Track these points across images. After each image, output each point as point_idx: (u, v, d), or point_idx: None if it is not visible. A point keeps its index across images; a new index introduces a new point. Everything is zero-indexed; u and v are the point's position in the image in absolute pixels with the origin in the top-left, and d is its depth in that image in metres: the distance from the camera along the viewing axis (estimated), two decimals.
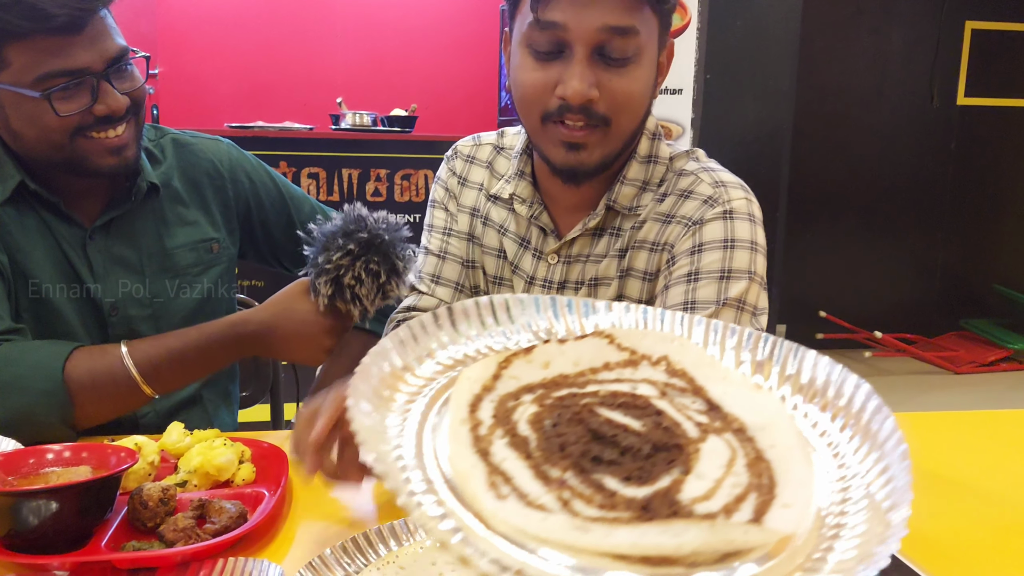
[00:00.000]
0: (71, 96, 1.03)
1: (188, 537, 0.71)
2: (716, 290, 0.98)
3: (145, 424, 1.16)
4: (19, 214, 1.09)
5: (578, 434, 0.48)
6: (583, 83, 0.92)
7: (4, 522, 0.68)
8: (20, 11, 0.98)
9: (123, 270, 1.16)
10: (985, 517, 0.85)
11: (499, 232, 1.13)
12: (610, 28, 0.91)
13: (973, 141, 4.87)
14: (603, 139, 0.96)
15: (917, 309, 4.93)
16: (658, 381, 0.54)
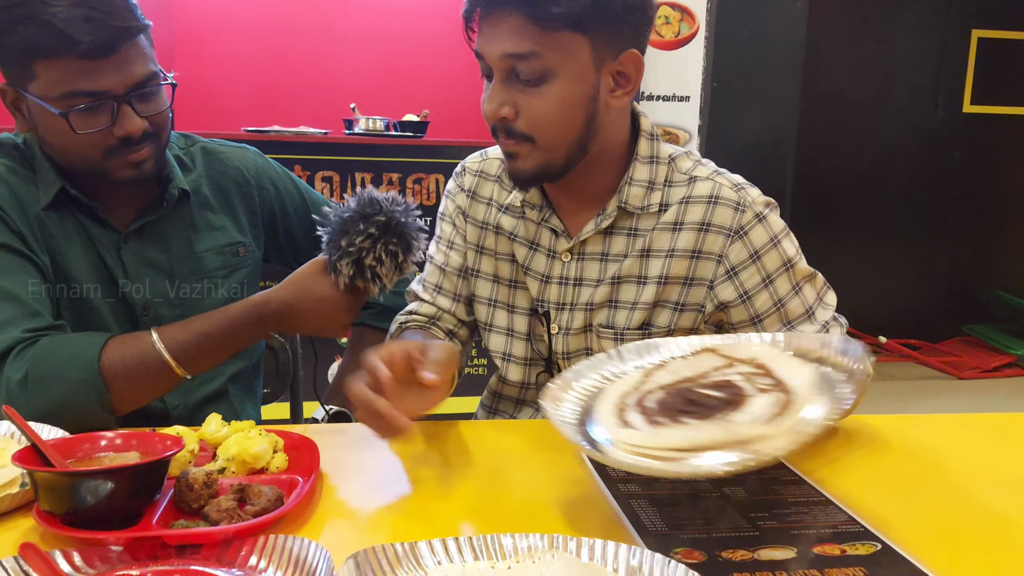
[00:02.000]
0: (90, 116, 1.09)
1: (231, 517, 0.77)
2: (789, 281, 1.14)
3: (176, 416, 1.23)
4: (60, 218, 1.16)
5: (678, 401, 0.83)
6: (491, 104, 1.05)
7: (63, 500, 0.74)
8: (49, 33, 1.03)
9: (154, 272, 1.22)
10: (987, 514, 0.90)
11: (509, 239, 1.21)
12: (509, 55, 1.02)
13: (978, 149, 4.91)
14: (531, 151, 1.07)
15: (921, 315, 4.97)
16: (745, 372, 0.87)
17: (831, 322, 1.14)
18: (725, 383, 0.85)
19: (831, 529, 0.83)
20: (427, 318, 1.27)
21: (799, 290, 1.14)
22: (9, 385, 1.02)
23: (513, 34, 1.01)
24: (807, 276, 1.15)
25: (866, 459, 1.05)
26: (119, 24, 1.06)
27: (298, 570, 0.68)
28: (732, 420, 0.79)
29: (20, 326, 1.05)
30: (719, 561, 0.76)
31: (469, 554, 0.71)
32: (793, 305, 1.13)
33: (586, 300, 1.16)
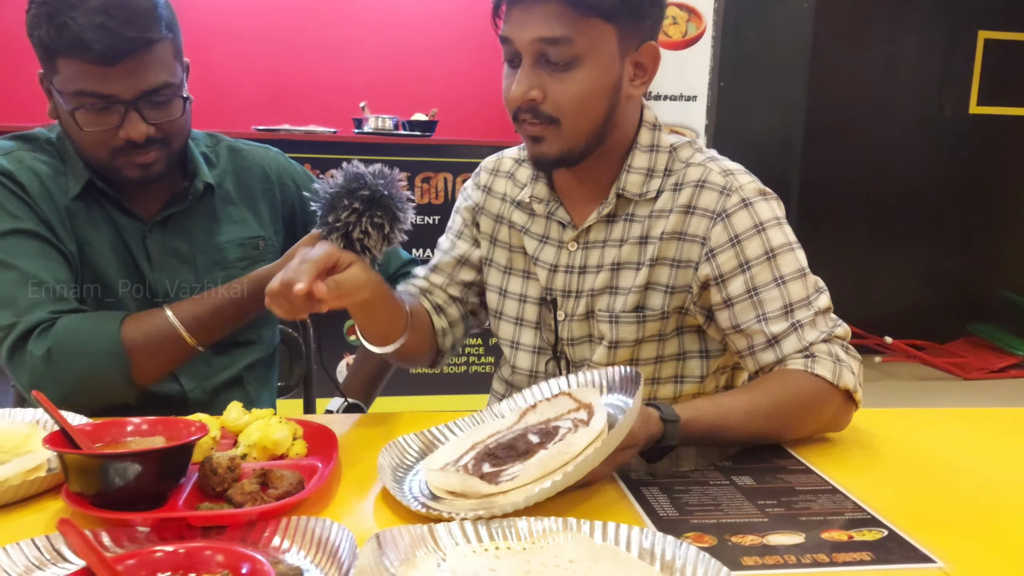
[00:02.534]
0: (99, 116, 1.13)
1: (254, 500, 0.79)
2: (771, 272, 1.11)
3: (193, 399, 1.27)
4: (88, 208, 1.22)
5: (504, 448, 0.89)
6: (520, 87, 1.07)
7: (93, 482, 0.76)
8: (65, 35, 1.08)
9: (177, 262, 1.27)
10: (991, 504, 0.91)
11: (520, 232, 1.25)
12: (541, 40, 1.05)
13: (983, 149, 4.92)
14: (557, 134, 1.10)
15: (927, 315, 4.98)
16: (576, 418, 0.91)
17: (806, 322, 1.09)
18: (549, 428, 0.91)
19: (838, 516, 0.85)
20: (420, 290, 1.31)
21: (782, 283, 1.11)
22: (33, 361, 1.08)
23: (548, 19, 1.04)
24: (796, 272, 1.11)
25: (872, 451, 1.07)
26: (133, 34, 1.10)
27: (320, 550, 0.71)
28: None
29: (45, 308, 1.10)
30: (729, 545, 0.77)
31: (486, 535, 0.73)
32: (769, 296, 1.10)
33: (589, 287, 1.19)
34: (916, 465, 1.03)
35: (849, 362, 1.09)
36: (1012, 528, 0.85)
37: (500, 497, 0.79)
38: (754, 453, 1.02)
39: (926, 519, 0.85)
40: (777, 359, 1.10)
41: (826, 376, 1.06)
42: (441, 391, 3.23)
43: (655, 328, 1.17)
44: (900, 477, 0.98)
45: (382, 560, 0.66)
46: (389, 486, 0.85)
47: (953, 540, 0.80)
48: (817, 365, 1.06)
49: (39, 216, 1.17)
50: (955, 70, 4.82)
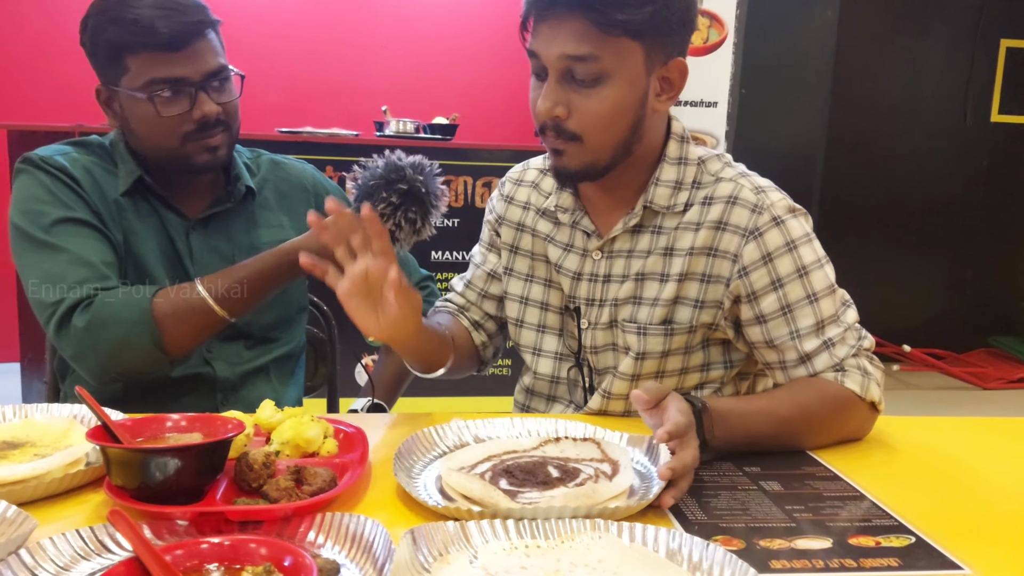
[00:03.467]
0: (172, 101, 1.24)
1: (289, 496, 0.80)
2: (803, 289, 1.12)
3: (222, 379, 1.34)
4: (135, 203, 1.31)
5: (523, 471, 0.92)
6: (546, 103, 1.08)
7: (135, 476, 0.78)
8: (135, 28, 1.21)
9: (217, 258, 1.34)
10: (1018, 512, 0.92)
11: (544, 240, 1.26)
12: (568, 56, 1.05)
13: (1006, 159, 4.89)
14: (579, 150, 1.10)
15: (946, 325, 4.95)
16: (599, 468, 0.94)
17: (837, 339, 1.12)
18: (568, 467, 0.94)
19: (866, 522, 0.85)
20: (457, 307, 1.36)
21: (815, 300, 1.12)
22: (76, 332, 1.16)
23: (574, 36, 1.04)
24: (827, 289, 1.13)
25: (899, 458, 1.08)
26: (190, 19, 1.22)
27: (355, 545, 0.72)
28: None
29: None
30: (757, 548, 0.78)
31: (515, 534, 0.74)
32: (802, 314, 1.12)
33: (612, 296, 1.20)
34: (942, 472, 1.03)
35: (875, 374, 1.12)
36: None
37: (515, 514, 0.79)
38: (782, 459, 1.02)
39: (953, 526, 0.85)
40: (809, 375, 1.13)
41: (855, 389, 1.09)
42: (459, 393, 3.24)
43: (682, 341, 1.17)
44: (927, 484, 0.99)
45: (416, 556, 0.67)
46: (403, 481, 0.86)
47: (980, 547, 0.80)
48: (847, 379, 1.10)
49: (90, 207, 1.26)
50: (977, 79, 4.79)
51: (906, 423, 1.22)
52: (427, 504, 0.81)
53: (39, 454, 0.90)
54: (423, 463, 0.95)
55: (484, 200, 3.35)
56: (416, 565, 0.66)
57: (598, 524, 0.74)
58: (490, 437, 1.04)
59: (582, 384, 1.26)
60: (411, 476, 0.90)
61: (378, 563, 0.67)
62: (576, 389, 1.27)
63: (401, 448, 0.93)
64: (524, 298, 1.28)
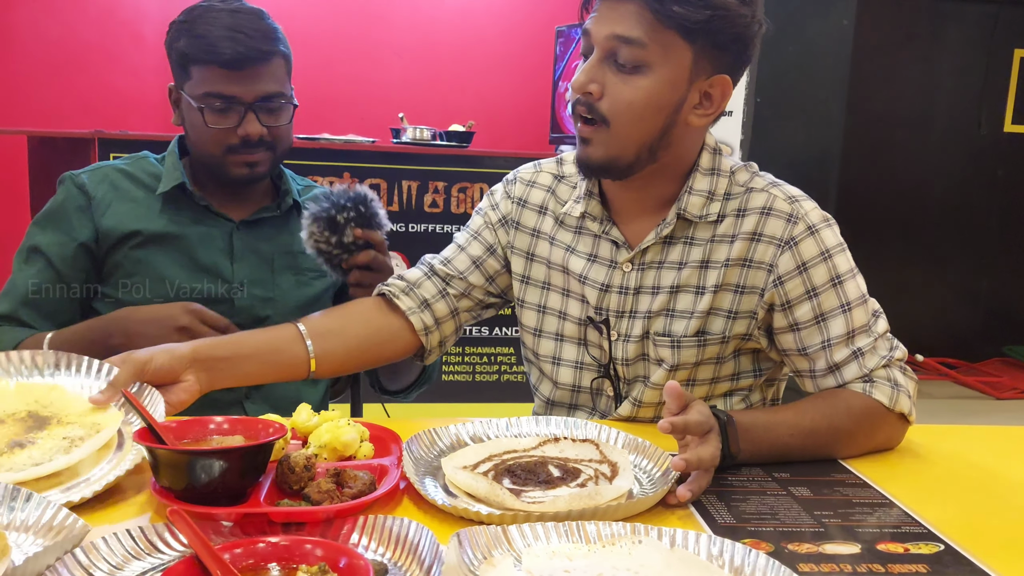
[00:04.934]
0: (221, 115, 1.34)
1: (331, 498, 0.82)
2: (837, 298, 1.14)
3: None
4: (178, 202, 1.41)
5: (525, 471, 0.95)
6: (584, 76, 1.09)
7: (181, 477, 0.80)
8: (202, 44, 1.32)
9: (256, 258, 1.43)
10: None
11: (565, 250, 1.24)
12: (615, 36, 1.07)
13: (1020, 169, 4.88)
14: (605, 138, 1.10)
15: (960, 334, 4.93)
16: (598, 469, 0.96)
17: (867, 349, 1.13)
18: (569, 466, 0.97)
19: (894, 529, 0.86)
20: (407, 283, 1.28)
21: (848, 310, 1.13)
22: None
23: (627, 18, 1.06)
24: (859, 298, 1.14)
25: (926, 466, 1.09)
26: (256, 46, 1.32)
27: (399, 547, 0.74)
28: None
29: None
30: (785, 552, 0.80)
31: (554, 537, 0.76)
32: (836, 323, 1.12)
33: (645, 308, 1.18)
34: (971, 481, 1.04)
35: (906, 385, 1.13)
36: None
37: (522, 514, 0.81)
38: (811, 467, 1.03)
39: (982, 534, 0.86)
40: (838, 384, 1.14)
41: (883, 401, 1.10)
42: (475, 399, 3.27)
43: (714, 351, 1.18)
44: (955, 492, 1.00)
45: (463, 559, 0.69)
46: (413, 479, 0.88)
47: (1010, 556, 0.81)
48: (875, 390, 1.11)
49: (92, 226, 1.36)
50: (991, 88, 4.79)
51: (935, 431, 1.23)
52: (437, 504, 0.84)
53: (68, 437, 0.90)
54: (425, 463, 0.97)
55: None
56: (464, 568, 0.67)
57: (638, 528, 0.76)
58: (488, 437, 1.06)
59: (613, 393, 1.25)
60: (417, 476, 0.91)
61: (424, 565, 0.69)
62: (600, 397, 1.26)
63: (407, 448, 0.96)
64: (542, 307, 1.27)
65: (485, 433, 1.07)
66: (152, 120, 4.13)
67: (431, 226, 3.34)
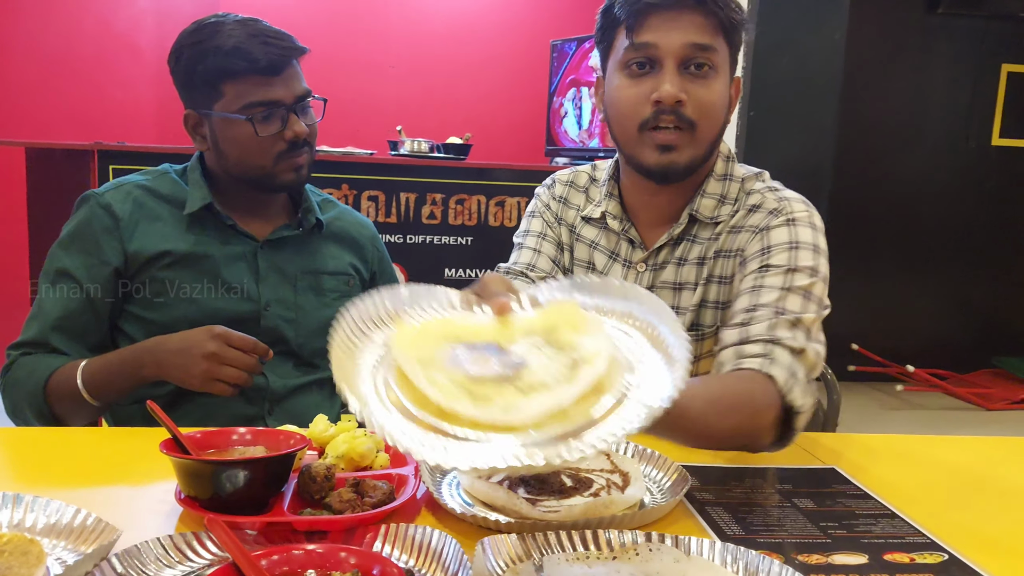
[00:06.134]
0: (268, 122, 1.33)
1: (352, 507, 0.84)
2: (783, 280, 1.12)
3: (274, 389, 1.40)
4: (203, 222, 1.40)
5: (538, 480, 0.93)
6: (673, 87, 1.13)
7: (207, 487, 0.82)
8: (238, 55, 1.30)
9: (280, 278, 1.42)
10: None
11: (590, 247, 1.31)
12: (693, 45, 1.12)
13: (1007, 181, 4.95)
14: (691, 141, 1.15)
15: (950, 345, 4.98)
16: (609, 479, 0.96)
17: (783, 321, 1.08)
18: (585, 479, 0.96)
19: (899, 539, 0.89)
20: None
21: (785, 291, 1.11)
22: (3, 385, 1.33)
23: (696, 27, 1.12)
24: (802, 289, 1.11)
25: (924, 477, 1.11)
26: (285, 45, 1.33)
27: (423, 554, 0.75)
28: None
29: (25, 347, 1.33)
30: (795, 563, 0.82)
31: (572, 546, 0.78)
32: (767, 296, 1.10)
33: None
34: (969, 491, 1.07)
35: (803, 384, 1.06)
36: None
37: (541, 523, 0.83)
38: (812, 478, 1.06)
39: (984, 543, 0.88)
40: (743, 338, 1.09)
41: (777, 380, 1.03)
42: None
43: (710, 344, 1.22)
44: (954, 502, 1.02)
45: (487, 566, 0.71)
46: (431, 489, 0.90)
47: (1012, 563, 0.84)
48: (773, 368, 1.04)
49: (120, 247, 1.34)
50: (979, 102, 4.86)
51: (929, 441, 1.26)
52: (456, 513, 0.86)
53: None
54: (441, 472, 0.98)
55: (497, 219, 3.39)
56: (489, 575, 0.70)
57: (653, 536, 0.78)
58: None
59: None
60: (435, 484, 0.94)
61: (448, 572, 0.71)
62: None
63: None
64: None
65: None
66: (148, 131, 4.14)
67: (429, 237, 3.36)
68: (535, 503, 0.89)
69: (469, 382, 0.67)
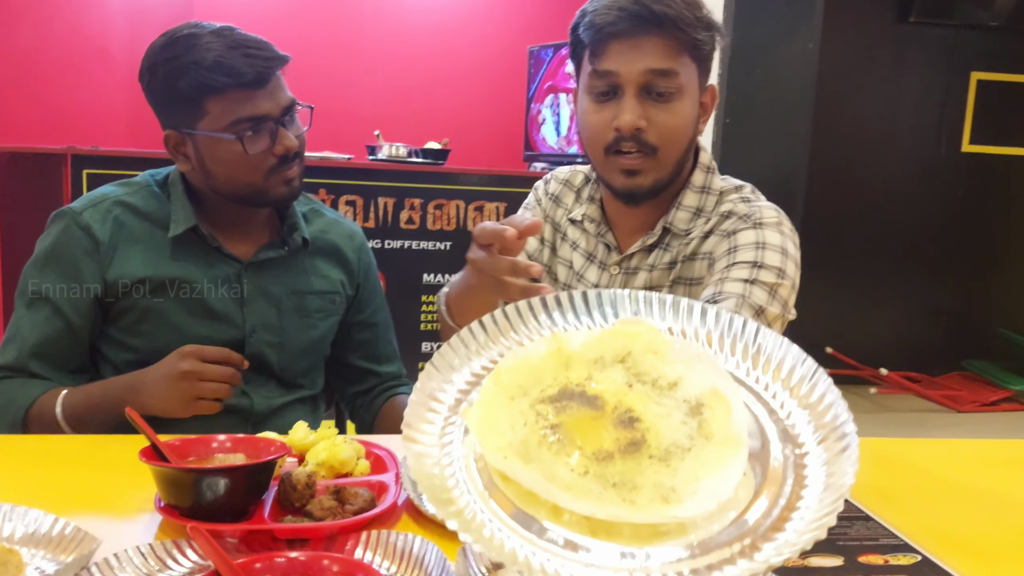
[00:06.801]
0: (257, 138, 1.26)
1: (333, 515, 0.84)
2: (748, 273, 1.14)
3: (257, 412, 1.37)
4: (188, 243, 1.33)
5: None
6: (632, 115, 1.14)
7: (187, 495, 0.82)
8: (221, 71, 1.22)
9: (265, 301, 1.37)
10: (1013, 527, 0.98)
11: (572, 247, 1.34)
12: (653, 71, 1.13)
13: (978, 188, 5.03)
14: (654, 166, 1.16)
15: (922, 349, 5.06)
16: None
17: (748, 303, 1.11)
18: None
19: (873, 541, 0.90)
20: None
21: (751, 284, 1.13)
22: None
23: (656, 53, 1.13)
24: (767, 286, 1.13)
25: (896, 480, 1.13)
26: (267, 56, 1.26)
27: (405, 561, 0.76)
28: None
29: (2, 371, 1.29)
30: None
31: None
32: (730, 287, 1.12)
33: None
34: (939, 493, 1.09)
35: None
36: None
37: None
38: None
39: (955, 544, 0.90)
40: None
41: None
42: None
43: None
44: (926, 505, 1.04)
45: (469, 571, 0.71)
46: (412, 495, 0.90)
47: (984, 565, 0.86)
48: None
49: (99, 273, 1.29)
50: (950, 109, 4.94)
51: (901, 445, 1.28)
52: (438, 519, 0.84)
53: None
54: None
55: (476, 224, 3.39)
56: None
57: None
58: None
59: None
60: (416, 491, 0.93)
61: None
62: None
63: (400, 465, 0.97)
64: None
65: None
66: (121, 135, 4.10)
67: (407, 243, 3.36)
68: None
69: (594, 462, 0.52)
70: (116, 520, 0.86)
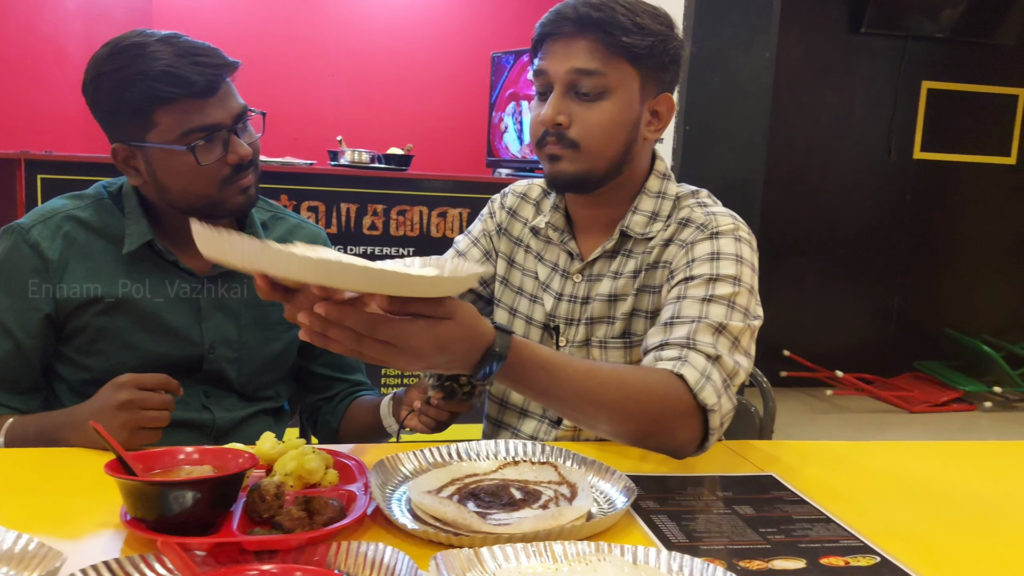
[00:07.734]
0: (209, 148, 1.23)
1: (303, 525, 0.84)
2: (705, 290, 1.17)
3: (219, 426, 1.35)
4: (142, 259, 1.29)
5: (488, 494, 0.97)
6: (551, 110, 1.20)
7: (154, 508, 0.81)
8: (169, 80, 1.18)
9: (224, 315, 1.34)
10: (975, 529, 1.01)
11: (535, 257, 1.36)
12: (577, 70, 1.18)
13: (927, 193, 5.18)
14: (575, 156, 1.21)
15: (875, 351, 5.18)
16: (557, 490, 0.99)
17: (704, 327, 1.12)
18: (534, 491, 0.98)
19: (834, 543, 0.93)
20: None
21: (707, 301, 1.15)
22: None
23: (583, 53, 1.18)
24: (725, 298, 1.15)
25: (853, 481, 1.16)
26: (219, 64, 1.22)
27: (376, 571, 0.76)
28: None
29: None
30: (738, 569, 0.85)
31: (524, 557, 0.79)
32: (689, 306, 1.14)
33: (588, 315, 1.30)
34: (898, 494, 1.12)
35: (718, 386, 1.09)
36: (992, 553, 0.94)
37: (491, 537, 0.85)
38: (751, 485, 1.10)
39: (913, 545, 0.93)
40: (662, 342, 1.13)
41: (688, 379, 1.07)
42: None
43: (639, 353, 1.25)
44: (885, 506, 1.07)
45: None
46: (382, 505, 0.91)
47: (940, 563, 0.88)
48: (685, 368, 1.08)
49: (50, 292, 1.25)
50: (900, 117, 5.07)
51: (858, 447, 1.31)
52: (407, 529, 0.86)
53: None
54: (390, 487, 1.00)
55: (439, 230, 3.40)
56: None
57: (602, 547, 0.80)
58: (449, 459, 1.09)
59: None
60: (385, 500, 0.95)
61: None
62: None
63: (369, 475, 0.98)
64: (513, 310, 1.37)
65: (446, 457, 1.10)
66: (77, 139, 4.03)
67: (370, 248, 3.35)
68: (485, 516, 0.90)
69: None
70: (81, 535, 0.85)
